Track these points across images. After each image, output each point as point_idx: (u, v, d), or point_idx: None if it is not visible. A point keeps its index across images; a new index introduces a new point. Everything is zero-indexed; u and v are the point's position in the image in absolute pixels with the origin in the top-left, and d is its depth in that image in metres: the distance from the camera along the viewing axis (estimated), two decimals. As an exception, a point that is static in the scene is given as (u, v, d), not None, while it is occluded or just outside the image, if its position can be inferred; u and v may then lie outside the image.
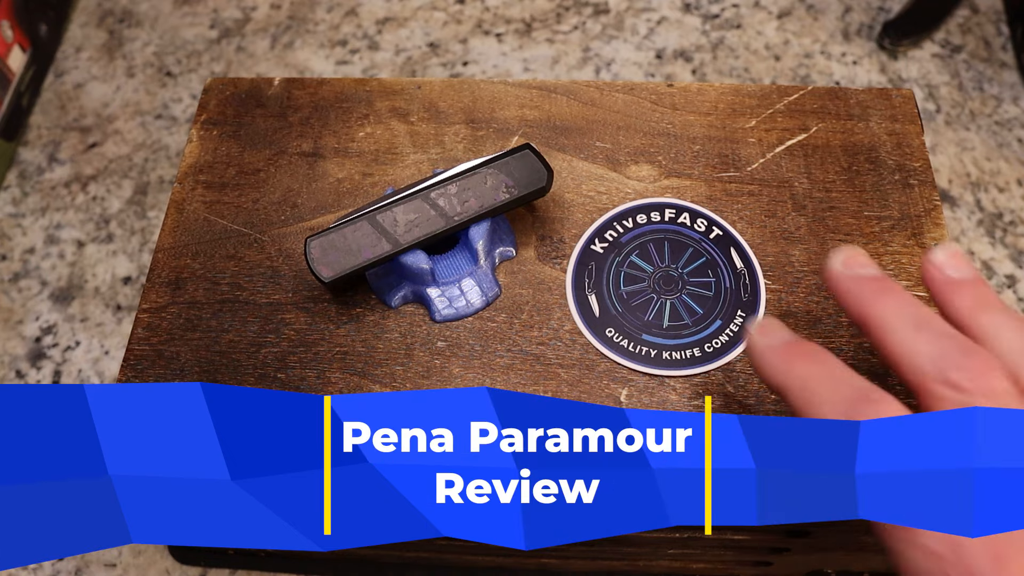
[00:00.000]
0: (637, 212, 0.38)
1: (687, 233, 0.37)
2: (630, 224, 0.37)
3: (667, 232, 0.37)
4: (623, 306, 0.35)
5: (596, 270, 0.36)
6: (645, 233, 0.37)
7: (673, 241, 0.37)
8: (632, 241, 0.37)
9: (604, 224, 0.38)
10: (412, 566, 0.44)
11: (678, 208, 0.38)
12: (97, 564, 0.45)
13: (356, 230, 0.34)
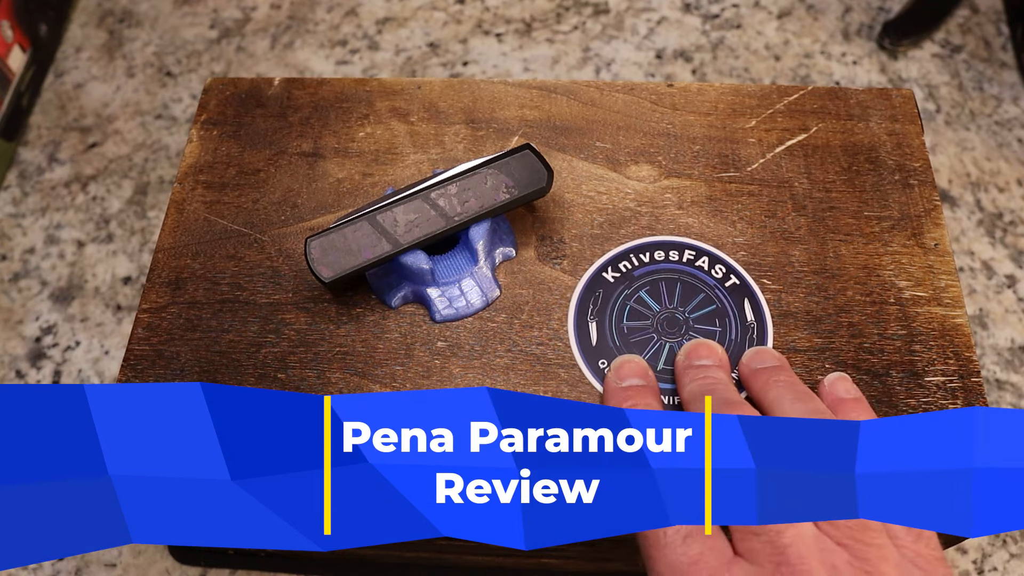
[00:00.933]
0: (656, 248, 0.37)
1: (702, 278, 0.36)
2: (646, 259, 0.36)
3: (682, 273, 0.36)
4: (622, 340, 0.35)
5: (603, 298, 0.36)
6: (660, 271, 0.36)
7: (686, 284, 0.36)
8: (645, 276, 0.36)
9: (620, 254, 0.37)
10: (412, 566, 0.44)
11: (698, 251, 0.37)
12: (97, 564, 0.45)
13: (356, 230, 0.34)
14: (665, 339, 0.35)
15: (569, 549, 0.39)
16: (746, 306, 0.35)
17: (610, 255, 0.37)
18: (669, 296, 0.36)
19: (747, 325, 0.35)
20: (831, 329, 0.35)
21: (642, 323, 0.35)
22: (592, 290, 0.36)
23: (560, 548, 0.38)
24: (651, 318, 0.35)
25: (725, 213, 0.38)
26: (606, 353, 0.34)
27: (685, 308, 0.35)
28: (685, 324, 0.35)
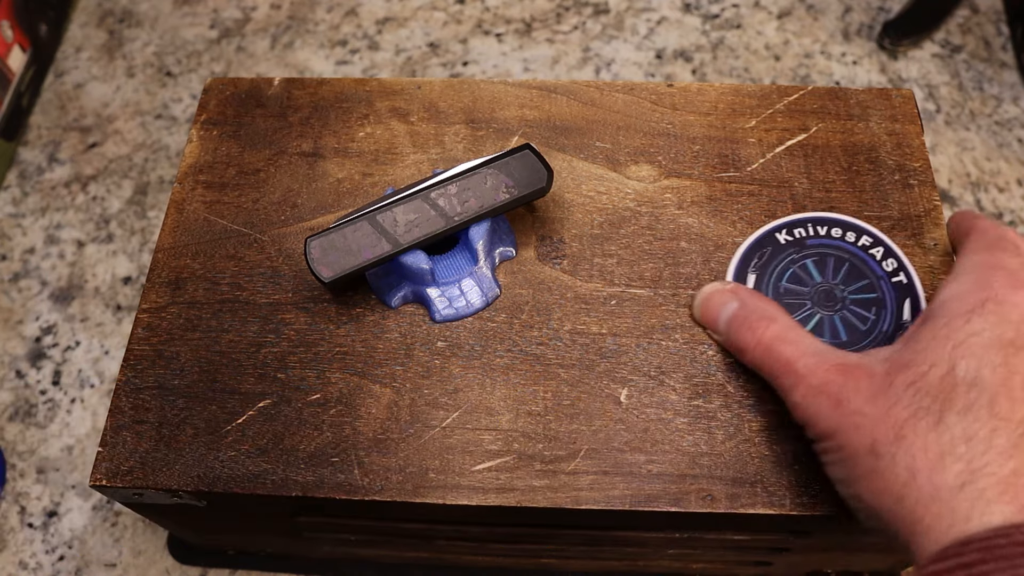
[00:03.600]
0: (835, 224, 0.37)
1: (871, 266, 0.36)
2: (823, 231, 0.37)
3: (853, 256, 0.36)
4: (775, 297, 0.35)
5: (769, 256, 0.36)
6: (832, 247, 0.36)
7: (854, 266, 0.36)
8: (816, 248, 0.36)
9: (798, 221, 0.37)
10: (412, 566, 0.44)
11: (876, 239, 0.36)
12: (97, 564, 0.45)
13: (356, 230, 0.34)
14: (819, 310, 0.35)
15: (569, 549, 0.39)
16: (906, 306, 0.35)
17: (787, 219, 0.37)
18: (834, 272, 0.36)
19: (901, 323, 0.34)
20: (831, 329, 0.35)
21: (800, 288, 0.35)
22: (761, 246, 0.36)
23: (560, 548, 0.38)
24: (810, 287, 0.35)
25: (725, 213, 0.38)
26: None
27: (846, 288, 0.35)
28: (841, 303, 0.35)
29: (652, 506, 0.31)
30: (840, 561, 0.41)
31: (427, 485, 0.32)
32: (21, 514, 0.47)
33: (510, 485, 0.32)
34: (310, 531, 0.38)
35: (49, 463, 0.48)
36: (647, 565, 0.41)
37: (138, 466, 0.33)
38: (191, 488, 0.32)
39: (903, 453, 0.26)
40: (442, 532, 0.37)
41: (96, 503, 0.47)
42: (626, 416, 0.33)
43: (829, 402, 0.28)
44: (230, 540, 0.42)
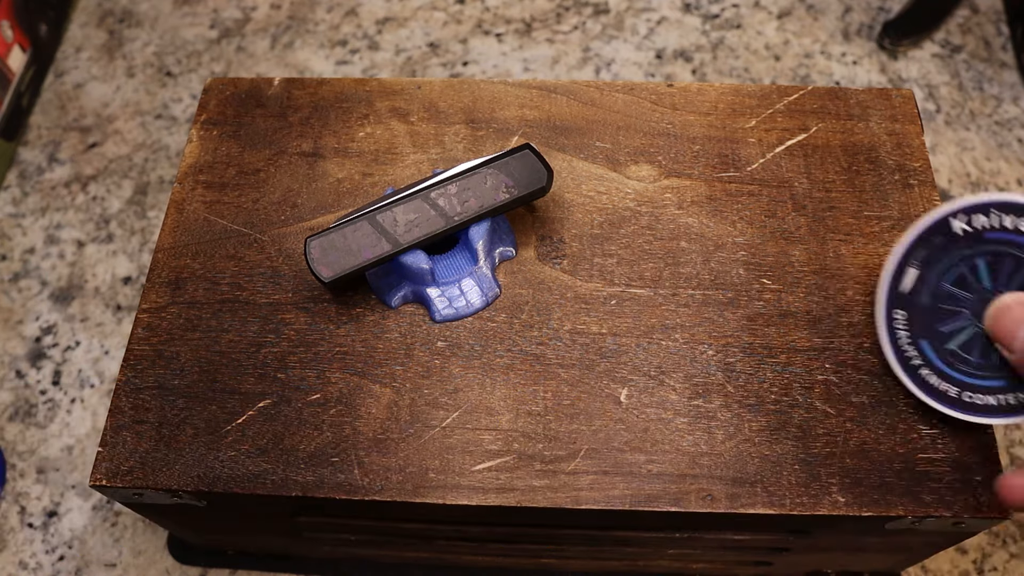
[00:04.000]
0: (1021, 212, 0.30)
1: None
2: (1009, 223, 0.30)
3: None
4: (932, 300, 0.30)
5: (937, 249, 0.30)
6: (1014, 243, 0.30)
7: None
8: (995, 244, 0.30)
9: (983, 205, 0.30)
10: (412, 566, 0.44)
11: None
12: (97, 564, 0.45)
13: (356, 230, 0.34)
14: (977, 324, 0.30)
15: (569, 549, 0.39)
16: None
17: (972, 202, 0.30)
18: (1009, 278, 0.30)
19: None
20: (831, 329, 0.35)
21: (962, 294, 0.30)
22: (933, 233, 0.31)
23: (560, 548, 0.38)
24: (975, 294, 0.30)
25: (725, 213, 0.38)
26: (911, 305, 0.31)
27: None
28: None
29: (652, 506, 0.31)
30: (840, 561, 0.41)
31: (427, 485, 0.32)
32: (21, 514, 0.47)
33: (510, 485, 0.32)
34: (310, 531, 0.38)
35: (49, 463, 0.48)
36: (647, 565, 0.41)
37: (138, 466, 0.33)
38: (191, 488, 0.32)
39: None
40: (442, 532, 0.37)
41: (96, 503, 0.47)
42: (626, 416, 0.33)
43: None
44: (230, 540, 0.42)
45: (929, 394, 0.31)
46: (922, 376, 0.31)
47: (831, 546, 0.37)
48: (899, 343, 0.32)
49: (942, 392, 0.31)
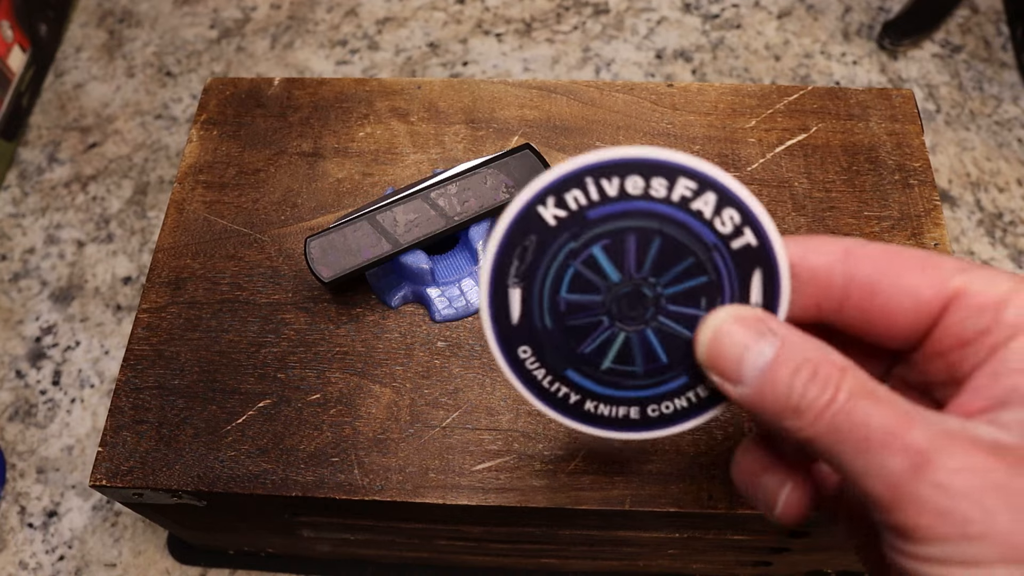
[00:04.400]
0: (632, 170, 0.22)
1: (697, 230, 0.23)
2: (612, 190, 0.22)
3: (667, 221, 0.23)
4: (556, 321, 0.23)
5: (535, 251, 0.23)
6: (632, 213, 0.23)
7: (669, 239, 0.23)
8: (605, 221, 0.23)
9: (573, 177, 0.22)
10: (412, 566, 0.44)
11: (702, 182, 0.22)
12: (97, 564, 0.45)
13: (356, 230, 0.34)
14: (621, 327, 0.23)
15: (569, 549, 0.39)
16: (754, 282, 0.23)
17: (556, 176, 0.22)
18: (639, 258, 0.23)
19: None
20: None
21: (589, 298, 0.23)
22: (522, 234, 0.23)
23: (560, 547, 0.38)
24: (604, 291, 0.23)
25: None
26: (531, 337, 0.23)
27: (659, 280, 0.23)
28: (654, 305, 0.23)
29: (652, 506, 0.31)
30: (840, 561, 0.41)
31: (427, 485, 0.32)
32: (21, 514, 0.47)
33: (510, 485, 0.32)
34: (310, 531, 0.38)
35: (49, 463, 0.48)
36: (647, 565, 0.41)
37: (138, 466, 0.33)
38: (191, 488, 0.32)
39: None
40: (442, 532, 0.37)
41: (96, 503, 0.47)
42: (626, 416, 0.33)
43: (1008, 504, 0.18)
44: (230, 540, 0.42)
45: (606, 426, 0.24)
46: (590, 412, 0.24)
47: (831, 546, 0.37)
48: (542, 386, 0.24)
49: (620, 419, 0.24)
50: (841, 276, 0.22)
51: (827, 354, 0.20)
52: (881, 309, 0.21)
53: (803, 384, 0.20)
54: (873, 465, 0.19)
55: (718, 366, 0.22)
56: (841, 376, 0.20)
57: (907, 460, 0.18)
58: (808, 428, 0.20)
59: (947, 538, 0.18)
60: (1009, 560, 0.17)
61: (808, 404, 0.20)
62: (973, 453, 0.18)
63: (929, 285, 0.21)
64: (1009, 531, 0.17)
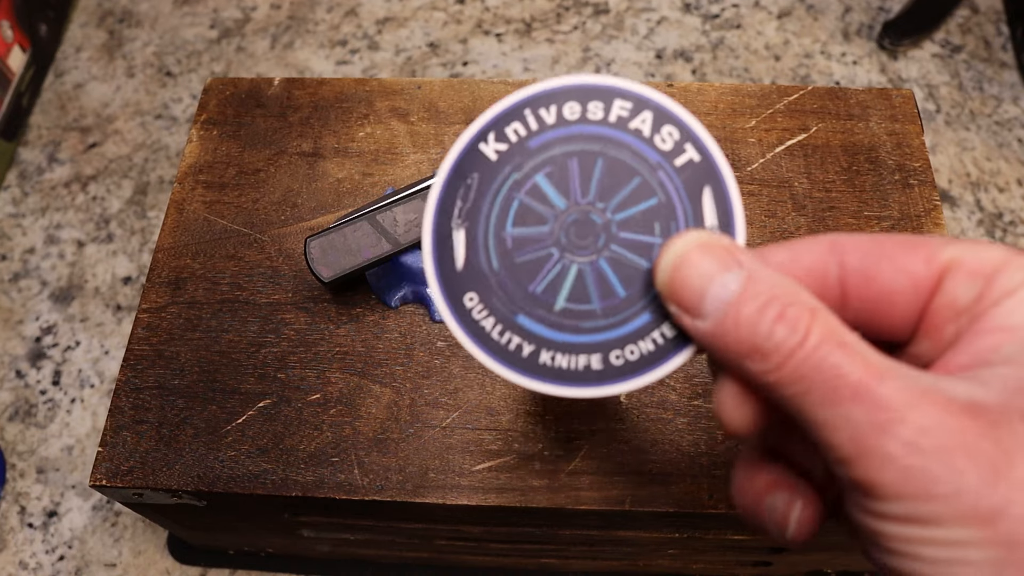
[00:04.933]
0: (567, 97, 0.22)
1: (639, 150, 0.22)
2: (550, 118, 0.22)
3: (607, 142, 0.22)
4: (502, 260, 0.22)
5: (477, 189, 0.22)
6: (571, 137, 0.22)
7: (612, 160, 0.22)
8: (546, 148, 0.22)
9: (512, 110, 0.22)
10: (412, 566, 0.44)
11: (637, 101, 0.22)
12: (97, 564, 0.45)
13: (356, 230, 0.34)
14: (572, 257, 0.22)
15: (569, 549, 0.39)
16: (706, 198, 0.22)
17: (495, 112, 0.22)
18: (583, 183, 0.22)
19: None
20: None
21: (536, 230, 0.22)
22: (462, 175, 0.22)
23: (560, 547, 0.38)
24: (551, 220, 0.22)
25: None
26: (477, 282, 0.22)
27: (608, 204, 0.22)
28: (605, 232, 0.22)
29: (652, 506, 0.31)
30: (840, 561, 0.41)
31: (427, 485, 0.32)
32: (21, 514, 0.47)
33: (510, 485, 0.32)
34: (310, 531, 0.38)
35: (49, 463, 0.48)
36: (647, 565, 0.41)
37: (138, 466, 0.33)
38: (191, 488, 0.32)
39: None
40: (442, 532, 0.37)
41: (96, 503, 0.47)
42: (626, 416, 0.33)
43: (977, 466, 0.17)
44: (230, 540, 0.42)
45: (565, 381, 0.22)
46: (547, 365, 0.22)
47: (831, 546, 0.37)
48: (491, 338, 0.22)
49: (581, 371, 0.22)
50: (835, 269, 0.21)
51: (798, 293, 0.19)
52: (879, 293, 0.21)
53: (770, 323, 0.19)
54: (839, 417, 0.18)
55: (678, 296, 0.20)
56: (811, 318, 0.18)
57: (875, 414, 0.17)
58: (772, 372, 0.19)
59: (910, 496, 0.17)
60: (970, 521, 0.17)
61: (774, 346, 0.18)
62: (946, 411, 0.17)
63: (922, 261, 0.20)
64: (976, 492, 0.17)
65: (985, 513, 0.17)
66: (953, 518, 0.17)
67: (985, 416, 0.17)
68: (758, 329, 0.19)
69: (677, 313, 0.21)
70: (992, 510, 0.17)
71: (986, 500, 0.17)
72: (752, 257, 0.20)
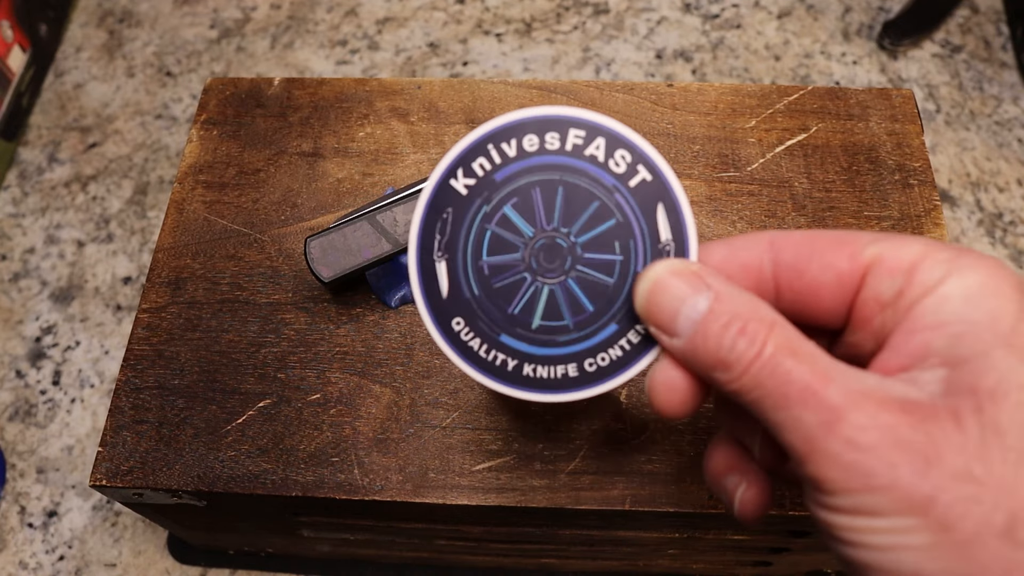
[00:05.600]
0: (526, 130, 0.24)
1: (595, 175, 0.24)
2: (511, 151, 0.24)
3: (566, 170, 0.24)
4: (482, 287, 0.25)
5: (453, 223, 0.25)
6: (533, 168, 0.24)
7: (571, 187, 0.24)
8: (511, 180, 0.24)
9: (476, 146, 0.24)
10: (412, 566, 0.44)
11: (590, 129, 0.24)
12: (97, 564, 0.45)
13: (356, 230, 0.34)
14: (543, 280, 0.24)
15: (569, 549, 0.39)
16: (659, 216, 0.24)
17: (460, 149, 0.24)
18: (547, 210, 0.24)
19: (660, 248, 0.24)
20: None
21: (509, 257, 0.24)
22: (437, 211, 0.25)
23: (560, 547, 0.38)
24: (522, 248, 0.24)
25: (725, 213, 0.38)
26: (462, 308, 0.25)
27: (571, 228, 0.24)
28: (571, 254, 0.24)
29: (652, 506, 0.31)
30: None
31: (427, 485, 0.32)
32: (21, 514, 0.47)
33: (510, 485, 0.32)
34: (310, 531, 0.38)
35: (49, 463, 0.48)
36: (647, 565, 0.41)
37: (138, 466, 0.33)
38: (191, 488, 0.32)
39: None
40: (442, 532, 0.37)
41: (96, 503, 0.47)
42: (626, 416, 0.33)
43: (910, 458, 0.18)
44: (230, 540, 0.42)
45: (547, 389, 0.25)
46: (530, 376, 0.25)
47: (831, 546, 0.37)
48: (479, 356, 0.25)
49: (560, 379, 0.25)
50: (769, 265, 0.23)
51: (757, 309, 0.21)
52: (807, 287, 0.22)
53: (732, 338, 0.21)
54: (791, 419, 0.20)
55: (655, 318, 0.23)
56: (768, 332, 0.21)
57: (821, 415, 0.19)
58: (735, 381, 0.21)
59: (853, 490, 0.19)
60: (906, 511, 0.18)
61: (736, 358, 0.21)
62: (882, 410, 0.19)
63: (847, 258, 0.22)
64: (909, 484, 0.18)
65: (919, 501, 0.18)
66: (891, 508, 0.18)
67: (917, 412, 0.19)
68: (722, 343, 0.21)
69: (655, 333, 0.23)
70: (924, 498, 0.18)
71: (918, 490, 0.18)
72: (721, 280, 0.22)
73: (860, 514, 0.19)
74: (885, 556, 0.19)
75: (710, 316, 0.21)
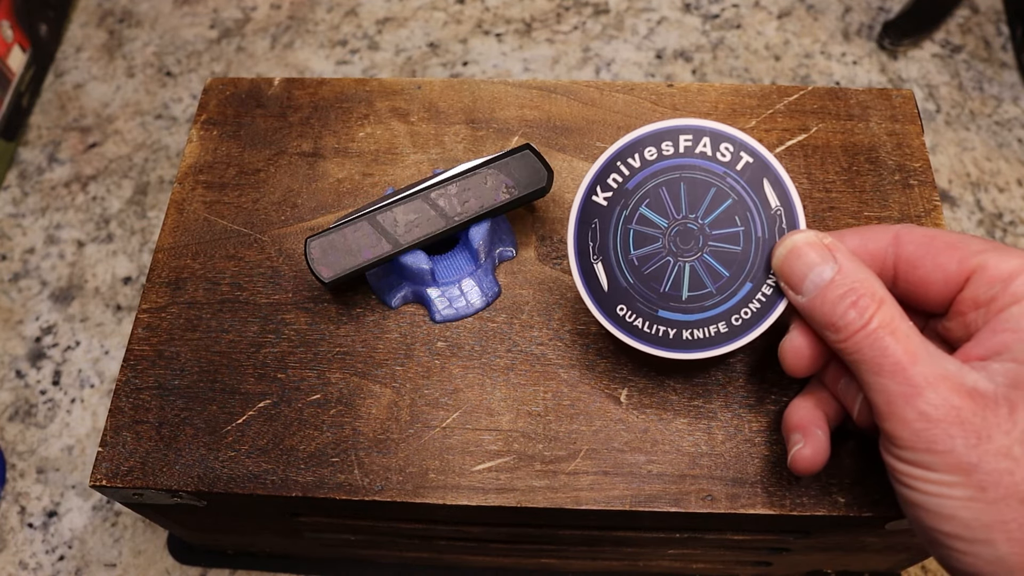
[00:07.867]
0: (644, 144, 0.30)
1: (708, 167, 0.30)
2: (636, 162, 0.30)
3: (683, 168, 0.30)
4: (635, 275, 0.30)
5: (600, 230, 0.30)
6: (656, 172, 0.30)
7: (690, 180, 0.30)
8: (641, 186, 0.30)
9: (606, 165, 0.30)
10: (412, 566, 0.44)
11: (696, 132, 0.30)
12: (97, 564, 0.45)
13: (356, 230, 0.34)
14: (682, 259, 0.30)
15: (569, 549, 0.39)
16: (766, 188, 0.29)
17: (595, 170, 0.30)
18: (675, 203, 0.30)
19: (772, 214, 0.29)
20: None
21: (652, 247, 0.30)
22: (586, 222, 0.30)
23: (560, 547, 0.38)
24: (660, 237, 0.30)
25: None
26: (622, 296, 0.30)
27: (697, 213, 0.30)
28: (701, 234, 0.30)
29: (652, 506, 0.31)
30: (840, 561, 0.41)
31: (427, 485, 0.32)
32: (21, 514, 0.47)
33: (510, 485, 0.32)
34: (310, 531, 0.38)
35: (49, 463, 0.48)
36: (647, 565, 0.41)
37: (138, 466, 0.33)
38: (191, 488, 0.32)
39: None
40: (442, 532, 0.37)
41: (96, 503, 0.47)
42: (626, 416, 0.33)
43: (965, 434, 0.24)
44: (230, 540, 0.42)
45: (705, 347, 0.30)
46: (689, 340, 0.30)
47: (831, 546, 0.37)
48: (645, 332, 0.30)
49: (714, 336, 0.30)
50: (892, 255, 0.28)
51: (871, 286, 0.26)
52: (920, 280, 0.27)
53: (844, 307, 0.26)
54: (880, 383, 0.25)
55: (787, 277, 0.28)
56: (877, 308, 0.26)
57: (904, 388, 0.25)
58: (841, 342, 0.26)
59: (918, 450, 0.24)
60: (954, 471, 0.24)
61: (845, 324, 0.26)
62: (953, 393, 0.24)
63: (956, 262, 0.27)
64: (962, 453, 0.24)
65: (965, 467, 0.24)
66: (943, 467, 0.24)
67: (980, 400, 0.24)
68: (836, 310, 0.26)
69: (784, 288, 0.29)
70: (970, 465, 0.24)
71: (967, 458, 0.24)
72: (847, 256, 0.27)
73: (919, 466, 0.25)
74: (932, 500, 0.24)
75: (831, 285, 0.26)
